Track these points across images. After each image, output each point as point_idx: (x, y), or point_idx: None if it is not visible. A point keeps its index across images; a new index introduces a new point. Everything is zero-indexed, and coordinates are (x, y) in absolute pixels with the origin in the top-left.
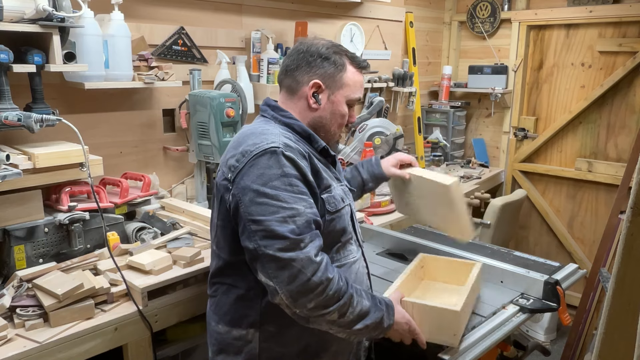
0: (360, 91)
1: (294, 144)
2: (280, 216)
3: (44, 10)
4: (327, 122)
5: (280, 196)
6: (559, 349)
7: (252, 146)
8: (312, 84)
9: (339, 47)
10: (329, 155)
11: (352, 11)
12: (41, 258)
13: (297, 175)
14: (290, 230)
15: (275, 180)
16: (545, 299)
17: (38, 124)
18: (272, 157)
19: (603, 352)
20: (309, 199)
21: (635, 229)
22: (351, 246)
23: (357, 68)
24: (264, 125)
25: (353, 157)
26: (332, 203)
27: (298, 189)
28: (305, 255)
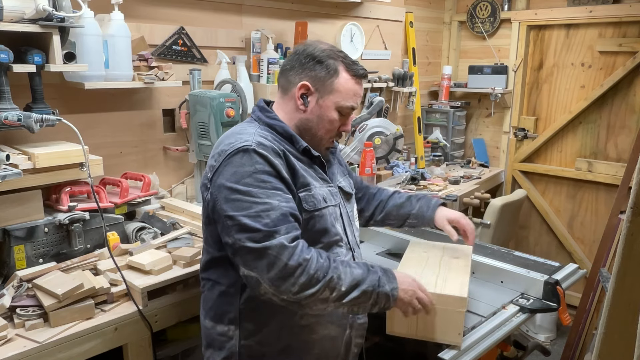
0: (353, 100)
1: (268, 143)
2: (253, 211)
3: (44, 10)
4: (314, 126)
5: (252, 192)
6: (559, 349)
7: (227, 146)
8: (300, 85)
9: (337, 53)
10: (312, 155)
11: (352, 11)
12: (41, 258)
13: (271, 171)
14: (263, 224)
15: (247, 177)
16: (545, 299)
17: (38, 124)
18: (244, 155)
19: (603, 352)
20: (284, 194)
21: (635, 229)
22: (339, 248)
23: (352, 76)
24: (245, 126)
25: (353, 157)
26: (310, 202)
27: (271, 184)
28: (278, 242)
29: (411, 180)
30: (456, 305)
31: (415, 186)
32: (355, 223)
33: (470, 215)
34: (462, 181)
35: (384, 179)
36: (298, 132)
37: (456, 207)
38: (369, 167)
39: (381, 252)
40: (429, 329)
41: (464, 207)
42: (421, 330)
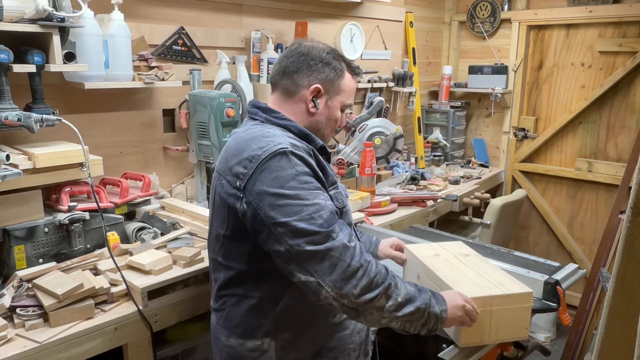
0: (353, 97)
1: (300, 144)
2: (305, 214)
3: (44, 10)
4: (322, 127)
5: (301, 195)
6: (559, 349)
7: (258, 150)
8: (313, 88)
9: (338, 53)
10: (327, 153)
11: (352, 11)
12: (41, 258)
13: (309, 172)
14: (319, 225)
15: (291, 180)
16: (545, 299)
17: (38, 124)
18: (282, 158)
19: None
20: (324, 193)
21: (635, 229)
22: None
23: (353, 75)
24: (262, 128)
25: (353, 157)
26: (340, 199)
27: (314, 184)
28: (340, 242)
29: (411, 180)
30: (524, 301)
31: (415, 186)
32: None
33: (470, 216)
34: (462, 181)
35: (384, 179)
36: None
37: (456, 207)
38: (369, 167)
39: None
40: (500, 331)
41: (464, 207)
42: (493, 335)
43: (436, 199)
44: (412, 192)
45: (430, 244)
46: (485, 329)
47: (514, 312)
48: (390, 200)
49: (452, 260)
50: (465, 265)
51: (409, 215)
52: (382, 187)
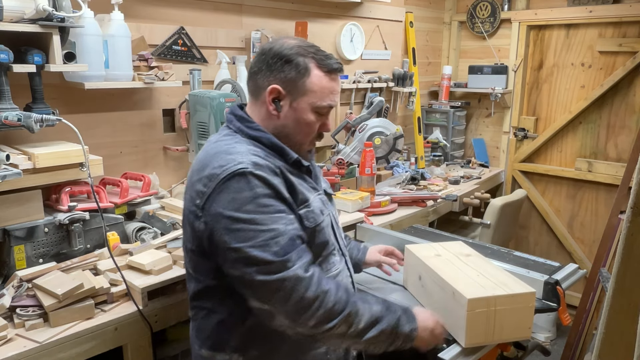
0: (330, 98)
1: (263, 161)
2: (260, 240)
3: (44, 10)
4: (291, 132)
5: (256, 219)
6: (559, 349)
7: (218, 169)
8: (271, 89)
9: (306, 48)
10: (302, 165)
11: (352, 11)
12: (41, 258)
13: (271, 193)
14: (273, 253)
15: (249, 203)
16: (545, 299)
17: (38, 124)
18: (241, 179)
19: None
20: (288, 216)
21: (635, 229)
22: (334, 257)
23: (326, 72)
24: (229, 140)
25: (353, 157)
26: (311, 218)
27: (274, 208)
28: (293, 272)
29: (411, 180)
30: (527, 301)
31: (415, 186)
32: (340, 225)
33: (470, 216)
34: (462, 181)
35: (384, 179)
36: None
37: (456, 207)
38: (369, 167)
39: None
40: (504, 331)
41: (464, 207)
42: (497, 335)
43: (436, 199)
44: (412, 192)
45: (431, 244)
46: (489, 329)
47: (517, 312)
48: (390, 200)
49: (454, 260)
50: (466, 265)
51: (409, 215)
52: (382, 187)
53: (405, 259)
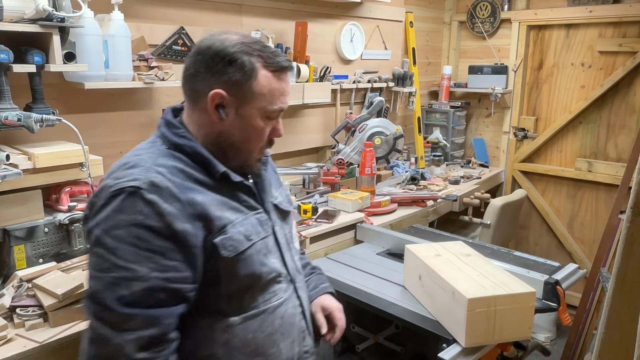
0: (281, 100)
1: (164, 182)
2: (111, 276)
3: (44, 10)
4: (238, 140)
5: (119, 250)
6: (559, 349)
7: (112, 180)
8: (213, 95)
9: (251, 45)
10: (232, 182)
11: (352, 11)
12: (41, 258)
13: (156, 226)
14: (117, 298)
15: (122, 228)
16: (546, 299)
17: (38, 124)
18: (127, 199)
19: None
20: (164, 260)
21: (635, 229)
22: (277, 285)
23: (274, 72)
24: (143, 150)
25: (353, 157)
26: (230, 247)
27: (148, 244)
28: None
29: (411, 180)
30: (527, 301)
31: (415, 186)
32: (294, 244)
33: (470, 216)
34: (462, 181)
35: (384, 179)
36: (219, 149)
37: (456, 207)
38: (369, 167)
39: (381, 252)
40: (504, 331)
41: (464, 207)
42: (497, 335)
43: (436, 199)
44: (412, 192)
45: (431, 244)
46: (489, 329)
47: (517, 312)
48: (390, 200)
49: (454, 260)
50: (467, 265)
51: (409, 215)
52: (382, 187)
53: (405, 259)
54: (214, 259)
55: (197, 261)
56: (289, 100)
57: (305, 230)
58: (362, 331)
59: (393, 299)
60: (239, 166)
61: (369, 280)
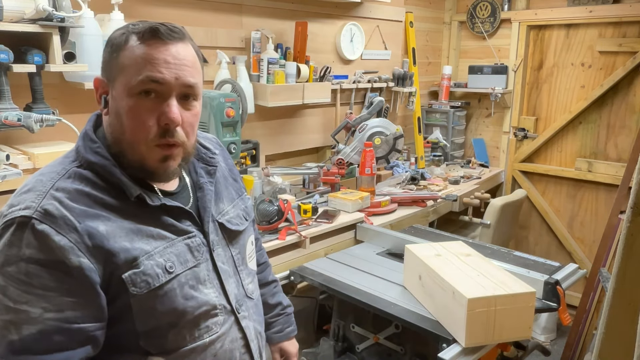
0: (153, 68)
1: (61, 209)
2: (0, 319)
3: (44, 10)
4: (117, 131)
5: (9, 290)
6: (559, 349)
7: (7, 208)
8: (94, 81)
9: (135, 24)
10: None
11: (352, 11)
12: None
13: (45, 260)
14: (7, 344)
15: (12, 265)
16: (546, 299)
17: (38, 124)
18: (17, 231)
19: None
20: (58, 297)
21: (635, 229)
22: (210, 320)
23: (142, 39)
24: (50, 168)
25: (353, 157)
26: (141, 283)
27: (40, 281)
28: None
29: (411, 180)
30: (527, 301)
31: (415, 186)
32: (248, 266)
33: (470, 216)
34: (462, 181)
35: (384, 179)
36: (118, 152)
37: (456, 207)
38: (369, 167)
39: (381, 252)
40: (504, 331)
41: (464, 207)
42: (497, 335)
43: (436, 199)
44: (412, 192)
45: (431, 244)
46: (490, 328)
47: (517, 311)
48: (390, 200)
49: (454, 260)
50: (467, 265)
51: (409, 215)
52: (382, 187)
53: (405, 259)
54: (122, 296)
55: (99, 299)
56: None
57: (305, 230)
58: (362, 331)
59: (393, 299)
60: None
61: (369, 280)
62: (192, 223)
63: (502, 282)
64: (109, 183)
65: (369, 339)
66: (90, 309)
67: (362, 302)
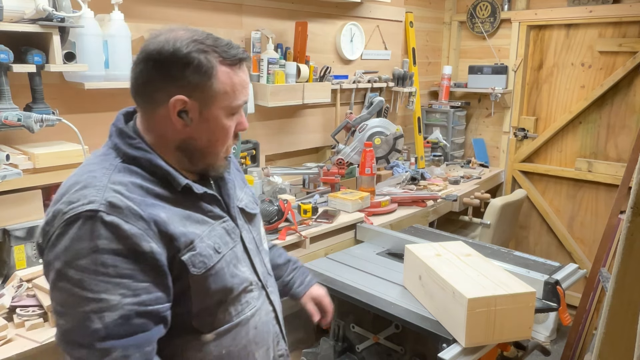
0: (243, 94)
1: (123, 201)
2: (82, 311)
3: (44, 10)
4: (205, 143)
5: (85, 282)
6: (559, 349)
7: (65, 205)
8: (174, 102)
9: (204, 42)
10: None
11: (352, 11)
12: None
13: (119, 249)
14: (92, 333)
15: (84, 258)
16: (546, 299)
17: (38, 124)
18: (85, 225)
19: (603, 352)
20: (134, 283)
21: (635, 229)
22: (249, 295)
23: (232, 66)
24: (95, 166)
25: (353, 157)
26: (199, 263)
27: (115, 270)
28: None
29: (411, 180)
30: (527, 301)
31: (415, 186)
32: (263, 246)
33: (470, 216)
34: (462, 181)
35: (384, 179)
36: (184, 156)
37: (456, 207)
38: (369, 167)
39: (381, 252)
40: (504, 331)
41: (464, 207)
42: (497, 335)
43: (436, 199)
44: (412, 192)
45: (431, 244)
46: (490, 328)
47: (517, 312)
48: (390, 200)
49: (454, 260)
50: (467, 265)
51: (409, 215)
52: (382, 187)
53: (405, 259)
54: (183, 278)
55: (167, 280)
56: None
57: (305, 230)
58: (362, 331)
59: (393, 299)
60: (204, 169)
61: (369, 280)
62: (220, 209)
63: (503, 282)
64: (155, 175)
65: (369, 339)
66: (161, 291)
67: (362, 302)
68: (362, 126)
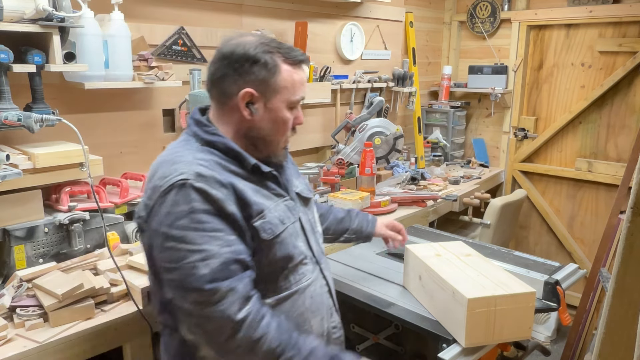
0: (301, 90)
1: (208, 172)
2: (189, 261)
3: (44, 10)
4: (268, 133)
5: (187, 237)
6: (559, 349)
7: (161, 180)
8: (244, 94)
9: (269, 44)
10: (262, 172)
11: (352, 11)
12: (41, 258)
13: (210, 209)
14: (200, 278)
15: (183, 218)
16: (545, 299)
17: (38, 124)
18: (179, 192)
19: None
20: (226, 236)
21: (635, 229)
22: (304, 267)
23: (293, 65)
24: (179, 148)
25: (353, 157)
26: (268, 229)
27: (210, 225)
28: (221, 313)
29: (411, 180)
30: (527, 301)
31: (415, 186)
32: (317, 229)
33: (470, 216)
34: (462, 181)
35: (384, 179)
36: (250, 143)
37: (456, 207)
38: (369, 167)
39: (381, 252)
40: (504, 331)
41: (464, 207)
42: (497, 335)
43: (436, 199)
44: (412, 192)
45: (431, 244)
46: (489, 329)
47: (517, 312)
48: (390, 200)
49: (454, 260)
50: (467, 265)
51: (409, 215)
52: (382, 187)
53: (405, 259)
54: (255, 242)
55: (247, 238)
56: None
57: None
58: (362, 331)
59: (393, 299)
60: (267, 156)
61: (369, 280)
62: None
63: (503, 282)
64: (228, 155)
65: (369, 339)
66: (245, 245)
67: (362, 302)
68: (362, 126)
